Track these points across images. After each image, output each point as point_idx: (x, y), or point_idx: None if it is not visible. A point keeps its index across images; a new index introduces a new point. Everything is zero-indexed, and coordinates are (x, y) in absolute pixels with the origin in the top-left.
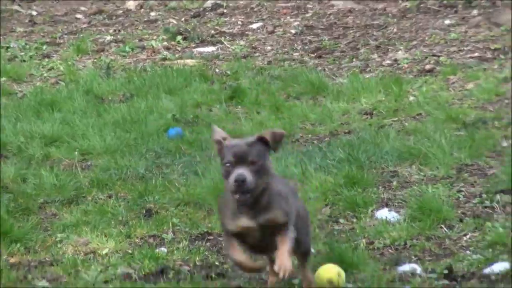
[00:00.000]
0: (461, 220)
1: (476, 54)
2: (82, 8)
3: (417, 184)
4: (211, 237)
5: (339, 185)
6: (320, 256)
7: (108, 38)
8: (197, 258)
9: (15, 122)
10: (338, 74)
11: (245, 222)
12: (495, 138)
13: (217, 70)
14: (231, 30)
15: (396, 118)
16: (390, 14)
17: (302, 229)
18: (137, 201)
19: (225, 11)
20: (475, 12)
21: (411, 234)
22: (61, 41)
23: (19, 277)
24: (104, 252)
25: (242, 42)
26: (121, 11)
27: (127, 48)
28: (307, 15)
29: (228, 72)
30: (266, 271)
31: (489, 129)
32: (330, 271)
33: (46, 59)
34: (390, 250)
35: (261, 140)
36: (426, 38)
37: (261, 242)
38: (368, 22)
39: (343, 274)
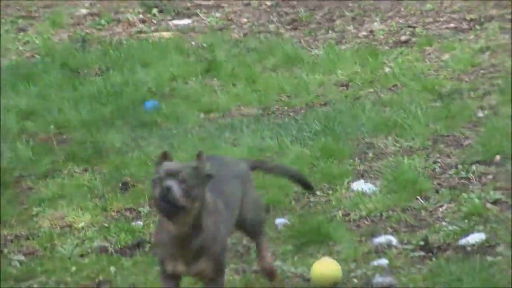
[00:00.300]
0: (437, 191)
1: (451, 25)
2: None
3: (393, 156)
4: None
5: (315, 157)
6: (296, 228)
7: (84, 11)
8: None
9: None
10: (314, 46)
11: (179, 267)
12: (471, 109)
13: (192, 43)
14: (206, 2)
15: (372, 90)
16: None
17: (253, 214)
18: (113, 175)
19: None
20: None
21: (387, 206)
22: (37, 14)
23: None
24: (80, 225)
25: (217, 14)
26: None
27: (102, 21)
28: None
29: (204, 45)
30: None
31: (465, 100)
32: (328, 266)
33: (22, 33)
34: (366, 222)
35: (199, 168)
36: (402, 9)
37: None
38: None
39: (339, 268)
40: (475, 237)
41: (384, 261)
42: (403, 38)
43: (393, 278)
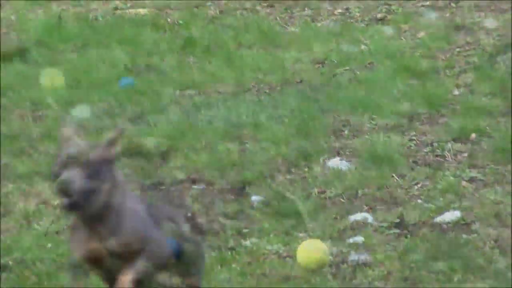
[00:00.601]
0: (412, 169)
1: (427, 3)
2: None
3: (368, 133)
4: (163, 187)
5: (290, 135)
6: (272, 206)
7: None
8: None
9: None
10: (290, 23)
11: (94, 245)
12: (446, 87)
13: (169, 20)
14: None
15: (348, 67)
16: None
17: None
18: None
19: None
20: None
21: (362, 183)
22: None
23: None
24: (56, 202)
25: None
26: None
27: None
28: None
29: (180, 21)
30: None
31: (440, 78)
32: (315, 248)
33: None
34: (341, 199)
35: (112, 144)
36: None
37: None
38: None
39: (327, 251)
40: (451, 215)
41: (359, 239)
42: (379, 15)
43: (369, 255)
